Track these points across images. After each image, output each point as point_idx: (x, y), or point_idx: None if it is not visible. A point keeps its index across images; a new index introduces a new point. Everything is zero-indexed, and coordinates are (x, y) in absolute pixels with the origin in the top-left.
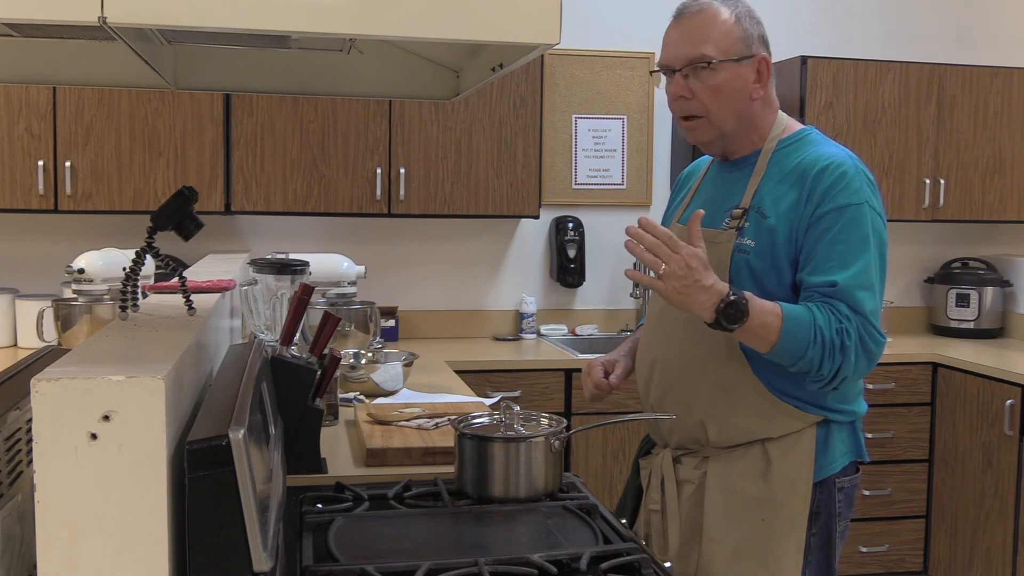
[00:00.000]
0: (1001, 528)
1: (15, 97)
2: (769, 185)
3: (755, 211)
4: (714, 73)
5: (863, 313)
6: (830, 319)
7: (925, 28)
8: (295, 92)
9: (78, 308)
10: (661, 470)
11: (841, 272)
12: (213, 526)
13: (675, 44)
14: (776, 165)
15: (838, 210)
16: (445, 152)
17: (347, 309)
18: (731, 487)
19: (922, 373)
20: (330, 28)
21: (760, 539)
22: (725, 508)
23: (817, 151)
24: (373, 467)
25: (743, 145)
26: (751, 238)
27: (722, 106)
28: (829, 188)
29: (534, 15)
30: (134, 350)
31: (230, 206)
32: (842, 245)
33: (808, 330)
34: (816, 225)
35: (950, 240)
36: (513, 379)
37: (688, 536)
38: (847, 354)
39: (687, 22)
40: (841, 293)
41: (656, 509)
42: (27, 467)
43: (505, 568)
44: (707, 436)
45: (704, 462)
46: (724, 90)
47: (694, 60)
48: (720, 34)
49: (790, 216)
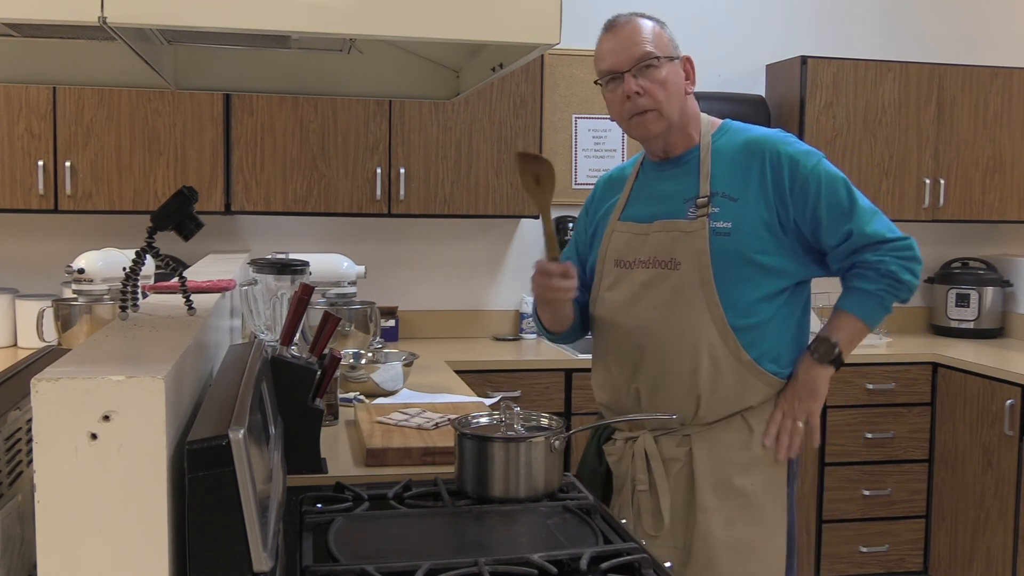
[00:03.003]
0: (1001, 528)
1: (15, 97)
2: (722, 171)
3: (720, 196)
4: (658, 69)
5: (881, 239)
6: (867, 274)
7: (925, 28)
8: (295, 92)
9: (78, 308)
10: (645, 452)
11: (848, 221)
12: (213, 526)
13: (618, 50)
14: (718, 154)
15: (811, 172)
16: (445, 152)
17: (347, 309)
18: (718, 458)
19: (922, 373)
20: (330, 28)
21: (749, 503)
22: (715, 479)
23: (751, 133)
24: (373, 467)
25: (682, 140)
26: (726, 220)
27: (669, 98)
28: (790, 157)
29: (534, 15)
30: (134, 350)
31: (230, 206)
32: (832, 198)
33: (867, 297)
34: (803, 191)
35: (950, 240)
36: (513, 379)
37: (679, 510)
38: (900, 276)
39: (621, 32)
40: (860, 237)
41: (644, 489)
42: (27, 467)
43: (505, 568)
44: (697, 413)
45: (686, 439)
46: (669, 83)
47: (641, 58)
48: (654, 37)
49: (760, 191)
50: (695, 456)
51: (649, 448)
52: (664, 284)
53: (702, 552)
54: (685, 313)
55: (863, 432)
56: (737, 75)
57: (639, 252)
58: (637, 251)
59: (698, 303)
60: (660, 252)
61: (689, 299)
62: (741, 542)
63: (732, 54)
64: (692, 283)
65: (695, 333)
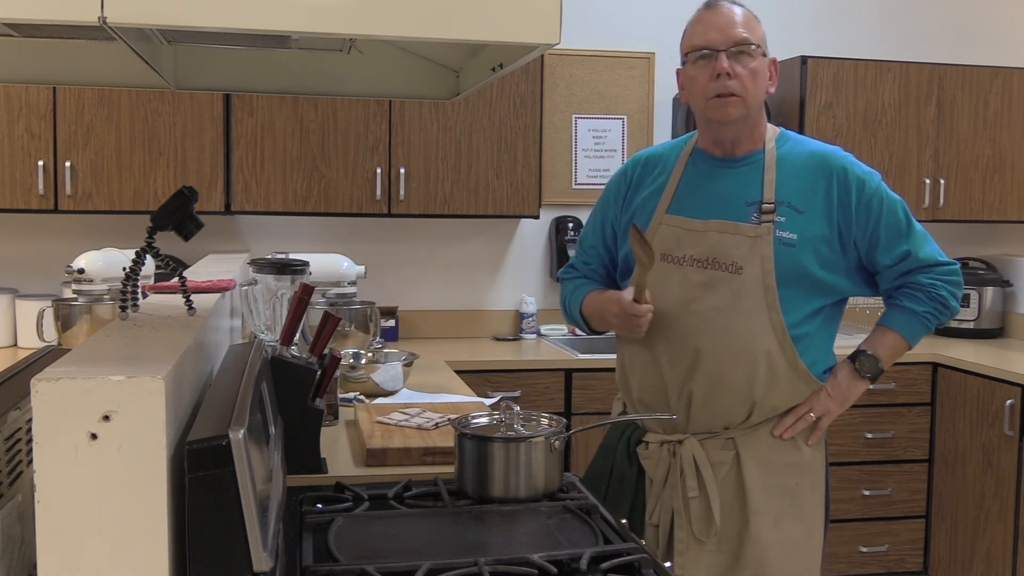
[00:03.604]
0: (1001, 528)
1: (15, 97)
2: (788, 181)
3: (786, 205)
4: (752, 59)
5: (934, 263)
6: (918, 296)
7: (925, 28)
8: (295, 92)
9: (78, 308)
10: (693, 456)
11: (905, 242)
12: (213, 526)
13: (720, 27)
14: (783, 162)
15: (872, 192)
16: (445, 152)
17: (347, 309)
18: (765, 461)
19: (922, 373)
20: (330, 28)
21: (794, 501)
22: (763, 480)
23: (813, 146)
24: (373, 467)
25: (748, 140)
26: (791, 231)
27: (755, 90)
28: (858, 177)
29: (534, 15)
30: (134, 350)
31: (230, 206)
32: (892, 219)
33: (915, 318)
34: (867, 211)
35: (950, 240)
36: (513, 379)
37: (729, 513)
38: (949, 302)
39: (726, 12)
40: (914, 260)
41: (695, 495)
42: (27, 467)
43: (505, 568)
44: (748, 419)
45: (730, 443)
46: (758, 75)
47: (740, 42)
48: (754, 27)
49: (826, 207)
50: (742, 459)
51: (697, 453)
52: (725, 287)
53: (753, 554)
54: (745, 319)
55: (863, 432)
56: None
57: (690, 248)
58: (688, 247)
59: (759, 309)
60: (719, 253)
61: (750, 305)
62: (788, 540)
63: None
64: (755, 289)
65: (754, 339)
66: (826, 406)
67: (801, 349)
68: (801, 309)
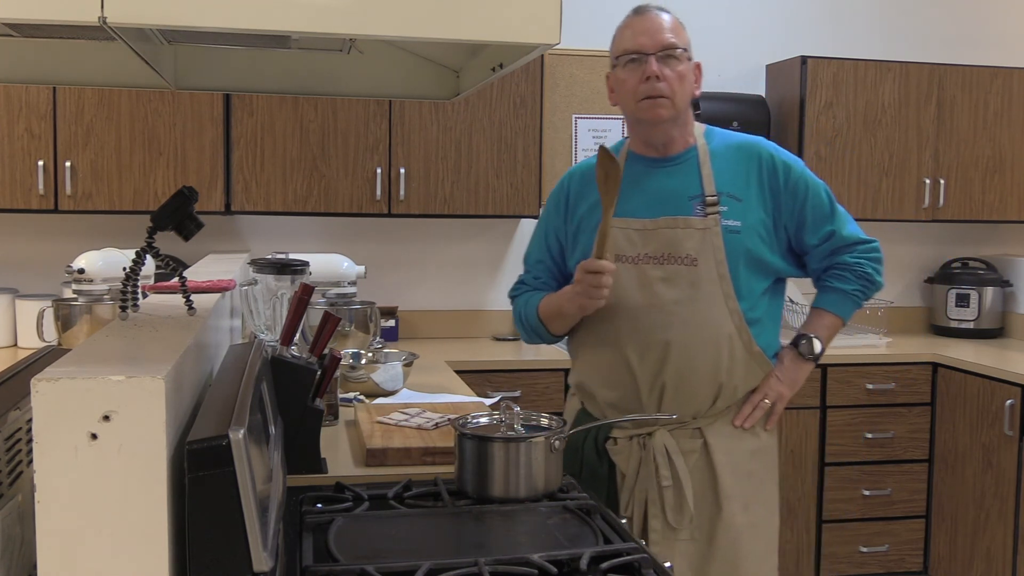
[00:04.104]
0: (1001, 528)
1: (15, 97)
2: (723, 173)
3: (726, 196)
4: (679, 62)
5: (856, 240)
6: (846, 276)
7: (925, 28)
8: (295, 92)
9: (78, 308)
10: (664, 447)
11: (829, 223)
12: (213, 526)
13: (649, 32)
14: (716, 156)
15: (798, 176)
16: (445, 152)
17: (347, 309)
18: (730, 448)
19: (922, 373)
20: (330, 28)
21: (759, 485)
22: (731, 467)
23: (738, 138)
24: (373, 467)
25: (681, 138)
26: (735, 219)
27: (683, 92)
28: (783, 162)
29: (534, 15)
30: (134, 350)
31: (230, 206)
32: (816, 200)
33: (846, 297)
34: (793, 194)
35: (950, 240)
36: (513, 379)
37: (701, 500)
38: (874, 278)
39: (654, 18)
40: (839, 239)
41: (668, 484)
42: (27, 467)
43: (505, 568)
44: (714, 404)
45: (698, 432)
46: (685, 78)
47: (669, 47)
48: (681, 33)
49: (760, 193)
50: (711, 447)
51: (669, 444)
52: (683, 280)
53: (727, 538)
54: (707, 307)
55: (863, 432)
56: (737, 75)
57: (644, 247)
58: (642, 246)
59: (717, 297)
60: (673, 248)
61: (709, 294)
62: (756, 523)
63: (732, 54)
64: (711, 278)
65: (717, 326)
66: (778, 391)
67: (755, 333)
68: (752, 292)
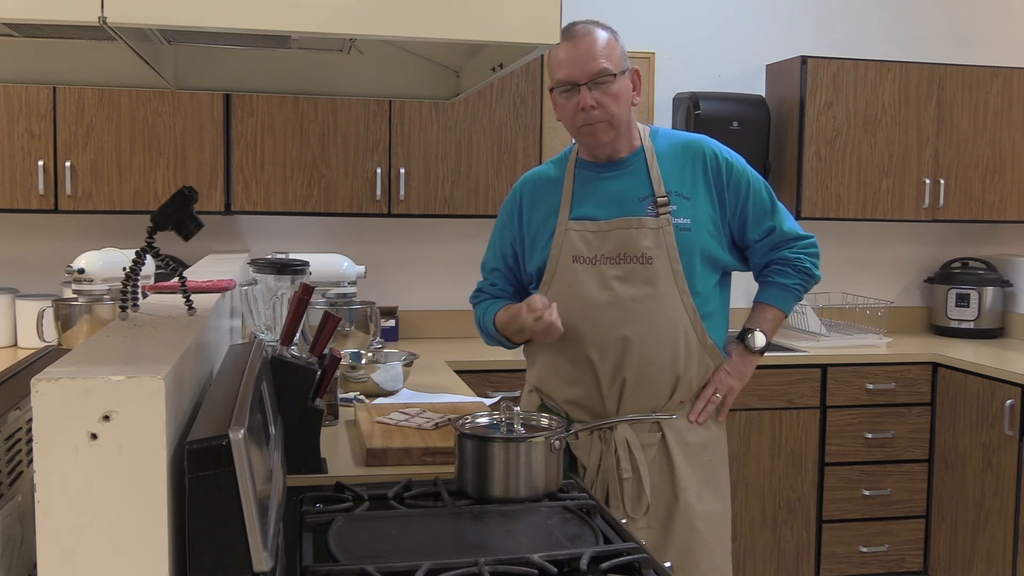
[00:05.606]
0: (1001, 528)
1: (15, 97)
2: (670, 172)
3: (675, 195)
4: (612, 84)
5: (795, 236)
6: (786, 271)
7: (925, 28)
8: (295, 92)
9: (78, 308)
10: (626, 441)
11: (770, 219)
12: (213, 526)
13: (577, 62)
14: (662, 156)
15: (740, 173)
16: (445, 152)
17: (347, 309)
18: (685, 441)
19: (922, 373)
20: (330, 28)
21: (710, 475)
22: (686, 459)
23: (682, 137)
24: (373, 467)
25: (626, 144)
26: (685, 217)
27: (620, 111)
28: (726, 159)
29: (534, 15)
30: (134, 350)
31: (230, 206)
32: (758, 197)
33: (787, 292)
34: (736, 190)
35: (950, 240)
36: (513, 379)
37: (659, 490)
38: (813, 272)
39: (580, 44)
40: (779, 234)
41: (629, 476)
42: (27, 467)
43: (505, 568)
44: (671, 398)
45: (655, 425)
46: (621, 97)
47: (598, 74)
48: (609, 51)
49: (706, 189)
50: (668, 439)
51: (630, 437)
52: (639, 277)
53: (683, 526)
54: (663, 303)
55: (863, 432)
56: (737, 75)
57: (600, 248)
58: (598, 247)
59: (673, 293)
60: (629, 248)
61: (665, 290)
62: (710, 513)
63: (732, 54)
64: (666, 275)
65: (673, 321)
66: (728, 384)
67: (708, 327)
68: (705, 287)
